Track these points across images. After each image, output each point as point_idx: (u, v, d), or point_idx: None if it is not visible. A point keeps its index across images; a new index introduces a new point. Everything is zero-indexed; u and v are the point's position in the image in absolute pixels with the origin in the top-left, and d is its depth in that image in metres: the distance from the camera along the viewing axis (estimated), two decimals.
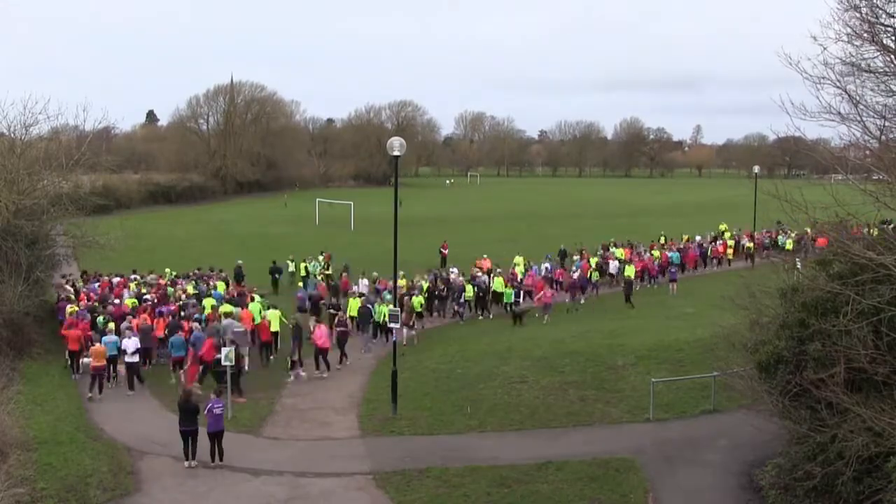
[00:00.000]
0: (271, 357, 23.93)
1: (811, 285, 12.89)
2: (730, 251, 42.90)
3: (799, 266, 16.16)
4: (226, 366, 18.75)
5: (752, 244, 43.30)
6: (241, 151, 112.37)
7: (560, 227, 63.22)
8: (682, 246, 42.53)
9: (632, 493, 13.98)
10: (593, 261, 36.84)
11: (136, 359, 21.18)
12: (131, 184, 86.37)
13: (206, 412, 15.56)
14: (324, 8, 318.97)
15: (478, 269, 34.02)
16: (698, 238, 45.22)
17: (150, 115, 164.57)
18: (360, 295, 29.05)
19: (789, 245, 42.46)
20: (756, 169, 48.88)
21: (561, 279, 34.54)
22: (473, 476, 14.84)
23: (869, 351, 11.09)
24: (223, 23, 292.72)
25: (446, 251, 42.64)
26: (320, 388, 21.30)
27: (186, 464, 15.50)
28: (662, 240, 45.67)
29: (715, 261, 42.47)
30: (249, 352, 23.25)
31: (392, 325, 20.45)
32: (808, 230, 43.16)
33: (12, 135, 28.74)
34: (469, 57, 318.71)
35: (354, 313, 26.96)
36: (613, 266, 37.07)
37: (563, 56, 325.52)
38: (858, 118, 12.14)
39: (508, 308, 30.58)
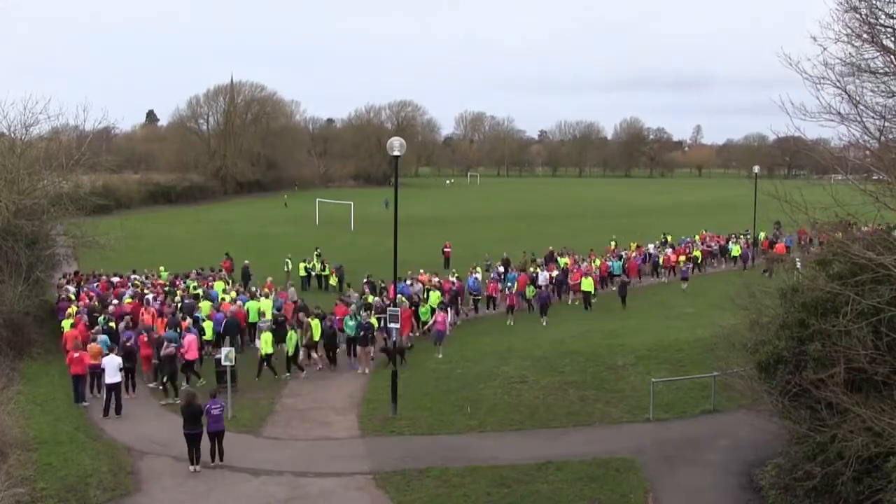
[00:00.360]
0: (186, 381, 20.97)
1: (811, 285, 12.90)
2: (682, 259, 39.51)
3: (799, 266, 16.18)
4: (226, 366, 18.78)
5: (698, 252, 41.15)
6: (241, 151, 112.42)
7: (560, 227, 63.24)
8: (623, 254, 39.21)
9: (632, 493, 13.98)
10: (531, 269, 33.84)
11: (117, 379, 18.79)
12: (131, 184, 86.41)
13: (205, 413, 15.55)
14: (324, 8, 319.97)
15: (409, 280, 30.78)
16: (651, 246, 42.33)
17: (150, 115, 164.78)
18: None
19: (736, 251, 41.21)
20: (756, 169, 48.75)
21: (494, 295, 31.38)
22: (473, 476, 14.84)
23: (869, 351, 11.09)
24: (223, 23, 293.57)
25: (449, 251, 42.31)
26: (320, 388, 21.30)
27: (192, 468, 15.46)
28: (613, 245, 43.30)
29: (666, 271, 39.07)
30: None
31: (392, 325, 20.44)
32: (763, 235, 43.06)
33: (12, 135, 28.78)
34: (469, 57, 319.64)
35: (317, 337, 23.08)
36: (542, 278, 32.71)
37: (563, 56, 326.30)
38: (858, 118, 12.15)
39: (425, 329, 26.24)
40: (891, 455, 10.56)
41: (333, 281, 35.40)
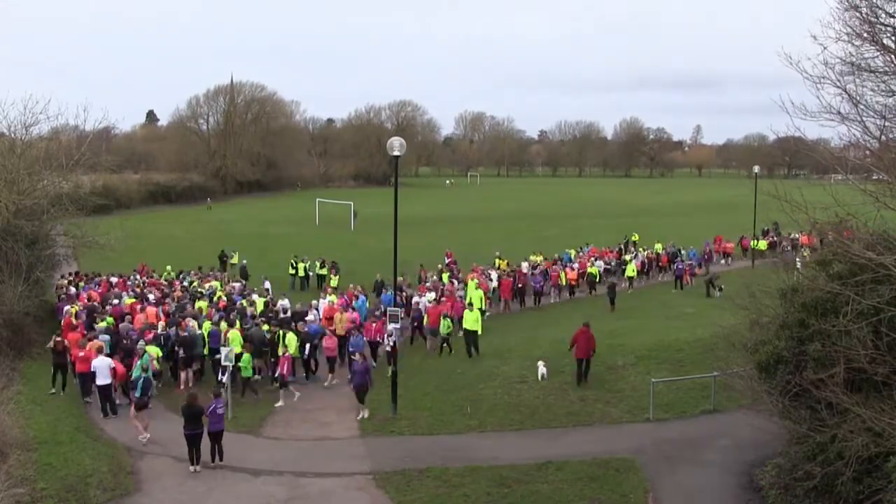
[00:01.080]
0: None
1: (811, 285, 12.88)
2: (572, 275, 34.52)
3: (799, 266, 16.18)
4: (226, 365, 18.79)
5: (595, 269, 36.20)
6: (241, 151, 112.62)
7: (560, 227, 63.25)
8: (495, 272, 34.07)
9: (632, 493, 13.97)
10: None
11: (108, 380, 18.65)
12: (131, 184, 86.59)
13: (208, 413, 15.52)
14: (324, 7, 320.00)
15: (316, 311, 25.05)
16: (524, 264, 36.23)
17: (150, 115, 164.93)
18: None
19: (630, 271, 36.94)
20: (756, 169, 48.73)
21: (378, 338, 22.90)
22: (473, 476, 14.83)
23: (869, 351, 11.07)
24: (223, 23, 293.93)
25: (450, 259, 39.64)
26: (320, 388, 21.31)
27: (192, 468, 15.46)
28: (498, 262, 37.37)
29: (555, 290, 34.23)
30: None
31: (392, 325, 20.40)
32: (659, 247, 41.84)
33: (12, 135, 28.85)
34: (469, 56, 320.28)
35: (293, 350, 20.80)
36: (423, 303, 26.71)
37: (563, 56, 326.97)
38: (858, 118, 12.12)
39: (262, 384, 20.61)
40: (891, 455, 10.55)
41: (335, 282, 35.32)
